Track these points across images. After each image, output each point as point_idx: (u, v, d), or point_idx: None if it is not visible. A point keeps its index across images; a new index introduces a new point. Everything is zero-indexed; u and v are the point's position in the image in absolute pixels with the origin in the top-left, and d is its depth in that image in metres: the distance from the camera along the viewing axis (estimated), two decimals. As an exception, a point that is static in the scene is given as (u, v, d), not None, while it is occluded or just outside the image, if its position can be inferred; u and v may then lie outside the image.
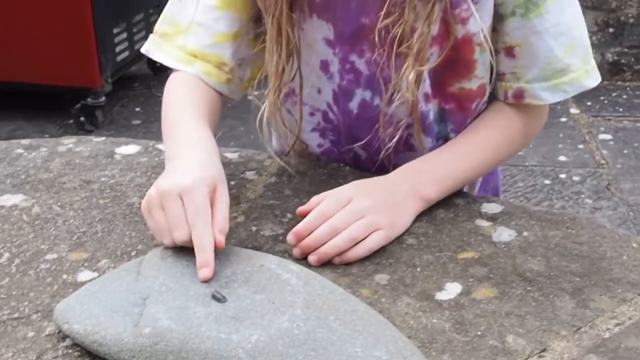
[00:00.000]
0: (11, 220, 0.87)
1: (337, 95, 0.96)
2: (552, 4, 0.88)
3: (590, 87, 0.93)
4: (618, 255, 0.81)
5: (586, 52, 0.93)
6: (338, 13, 0.89)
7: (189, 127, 0.83)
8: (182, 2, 0.94)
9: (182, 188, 0.71)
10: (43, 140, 1.09)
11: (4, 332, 0.68)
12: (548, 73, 0.91)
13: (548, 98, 0.93)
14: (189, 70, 0.93)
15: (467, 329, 0.69)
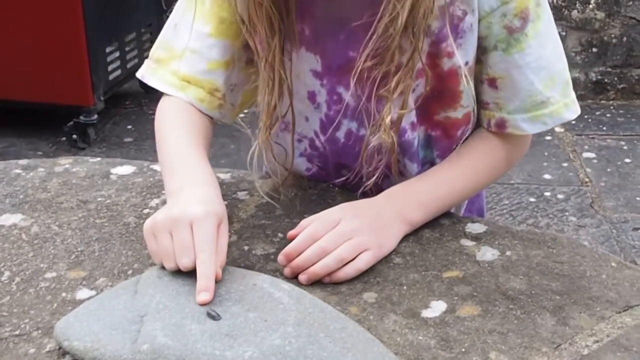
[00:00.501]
0: (11, 239, 0.89)
1: (325, 124, 0.98)
2: (534, 39, 0.90)
3: (569, 119, 0.96)
4: (597, 274, 0.84)
5: (566, 86, 0.95)
6: (327, 46, 0.91)
7: (190, 162, 0.86)
8: (177, 28, 0.97)
9: (193, 217, 0.74)
10: (40, 161, 1.11)
11: (6, 348, 0.70)
12: (528, 105, 0.93)
13: (528, 129, 0.95)
14: (181, 96, 0.95)
15: (451, 345, 0.72)
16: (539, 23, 0.90)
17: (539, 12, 0.90)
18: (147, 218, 0.91)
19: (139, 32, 3.48)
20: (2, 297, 0.78)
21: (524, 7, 0.88)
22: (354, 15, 0.87)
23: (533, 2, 0.89)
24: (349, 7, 0.89)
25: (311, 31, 0.91)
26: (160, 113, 0.96)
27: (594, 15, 3.68)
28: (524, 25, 0.89)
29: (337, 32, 0.90)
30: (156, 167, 1.09)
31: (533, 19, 0.89)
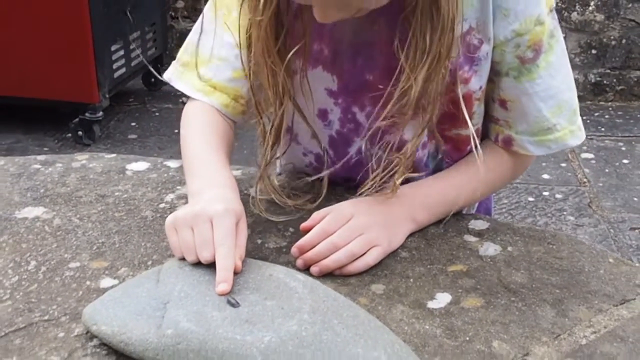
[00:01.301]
0: (35, 231, 0.93)
1: (336, 141, 1.01)
2: (545, 70, 0.92)
3: (573, 146, 1.00)
4: (595, 270, 0.88)
5: (573, 114, 0.98)
6: (344, 67, 0.94)
7: (211, 166, 0.90)
8: (204, 33, 1.00)
9: (214, 213, 0.78)
10: (58, 157, 1.15)
11: (37, 332, 0.74)
12: (535, 130, 0.96)
13: (533, 151, 0.99)
14: (206, 100, 0.98)
15: (456, 334, 0.76)
16: (551, 54, 0.92)
17: (552, 44, 0.92)
18: (163, 212, 0.96)
19: (143, 31, 3.51)
20: (30, 285, 0.82)
21: (537, 40, 0.90)
22: (373, 39, 0.90)
23: (547, 34, 0.91)
24: (368, 31, 0.91)
25: (330, 52, 0.93)
26: (186, 116, 1.00)
27: (594, 17, 3.72)
28: (536, 57, 0.91)
29: (355, 55, 0.93)
30: (170, 164, 1.13)
31: (545, 51, 0.91)
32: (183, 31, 4.08)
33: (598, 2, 3.69)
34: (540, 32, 0.90)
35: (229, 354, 0.65)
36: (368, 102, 0.95)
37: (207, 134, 0.96)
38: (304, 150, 1.04)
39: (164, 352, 0.67)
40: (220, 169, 0.90)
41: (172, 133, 3.32)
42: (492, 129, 1.01)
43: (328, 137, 1.01)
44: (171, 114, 3.54)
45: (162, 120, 3.47)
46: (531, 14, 0.88)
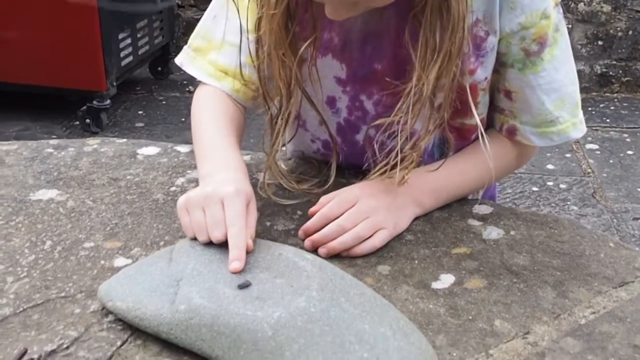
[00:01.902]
0: (49, 212, 0.95)
1: (343, 128, 1.03)
2: (549, 63, 0.93)
3: (575, 138, 1.03)
4: (596, 253, 0.90)
5: (575, 107, 0.99)
6: (353, 55, 0.95)
7: (221, 150, 0.92)
8: (216, 20, 1.01)
9: (224, 195, 0.81)
10: (70, 141, 1.18)
11: (54, 308, 0.76)
12: (538, 121, 0.98)
13: (536, 142, 1.00)
14: (218, 85, 1.00)
15: (459, 313, 0.78)
16: (556, 48, 0.93)
17: (557, 37, 0.93)
18: (174, 195, 0.99)
19: (150, 20, 3.54)
20: (47, 264, 0.84)
21: (542, 33, 0.91)
22: (382, 29, 0.92)
23: (552, 28, 0.92)
24: (377, 21, 0.92)
25: (340, 40, 0.95)
26: (197, 101, 1.02)
27: (600, 8, 3.72)
28: (541, 50, 0.92)
29: (364, 44, 0.95)
30: (180, 149, 1.15)
31: (550, 44, 0.92)
32: (190, 20, 4.10)
33: (605, -7, 3.70)
34: (545, 26, 0.91)
35: (240, 329, 0.68)
36: (376, 91, 0.97)
37: (218, 118, 0.97)
38: (312, 137, 1.06)
39: (177, 327, 0.70)
40: (231, 152, 0.92)
41: (178, 121, 3.34)
42: (497, 119, 1.03)
43: (336, 124, 1.03)
44: (178, 102, 3.57)
45: (169, 109, 3.50)
46: (537, 7, 0.90)
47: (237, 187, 0.82)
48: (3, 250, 0.86)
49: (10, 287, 0.80)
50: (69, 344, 0.71)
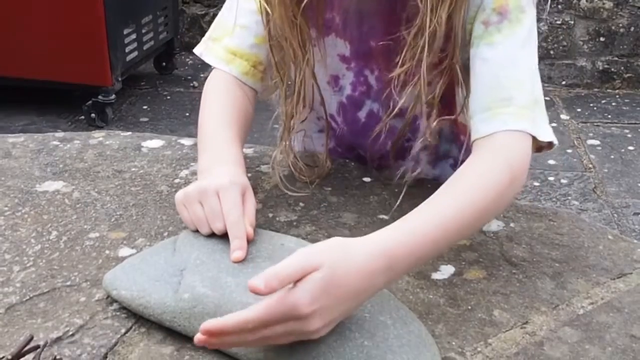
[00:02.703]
0: (55, 203, 0.97)
1: (345, 106, 1.04)
2: (507, 37, 0.86)
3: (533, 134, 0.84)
4: (594, 245, 0.91)
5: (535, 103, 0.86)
6: (354, 33, 0.98)
7: (221, 144, 0.92)
8: (232, 9, 1.02)
9: (219, 186, 0.82)
10: (75, 134, 1.19)
11: (60, 297, 0.78)
12: (489, 100, 0.85)
13: (482, 130, 0.85)
14: (226, 69, 1.01)
15: (459, 303, 0.79)
16: (518, 27, 0.86)
17: (521, 18, 0.87)
18: (177, 187, 1.00)
19: (155, 15, 3.55)
20: (52, 253, 0.86)
21: (503, 3, 0.86)
22: (375, 8, 0.94)
23: (514, 3, 0.86)
24: (369, 1, 0.95)
25: (340, 19, 0.97)
26: (206, 88, 1.02)
27: (602, 4, 3.72)
28: (500, 21, 0.86)
29: (360, 22, 0.97)
30: (184, 142, 1.16)
31: (511, 20, 0.86)
32: (194, 15, 4.11)
33: (607, -11, 3.70)
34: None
35: (242, 317, 0.69)
36: (376, 66, 0.99)
37: (223, 110, 0.98)
38: (317, 114, 1.07)
39: (180, 315, 0.71)
40: (230, 147, 0.92)
41: (182, 116, 3.36)
42: None
43: (337, 103, 1.04)
44: (182, 97, 3.58)
45: (174, 104, 3.51)
46: None
47: (231, 179, 0.83)
48: (10, 240, 0.88)
49: (17, 276, 0.81)
50: (74, 332, 0.73)
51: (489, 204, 0.79)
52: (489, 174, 0.81)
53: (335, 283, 0.66)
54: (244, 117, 0.99)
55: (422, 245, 0.73)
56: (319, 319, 0.65)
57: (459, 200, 0.78)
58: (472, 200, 0.78)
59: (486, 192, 0.79)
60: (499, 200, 0.81)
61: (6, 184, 1.02)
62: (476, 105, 0.87)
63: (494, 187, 0.79)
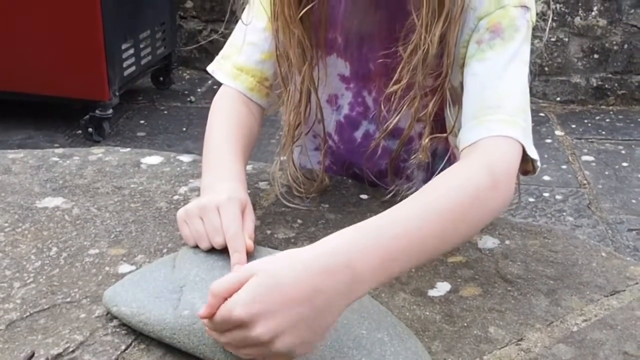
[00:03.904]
0: (55, 219, 0.98)
1: (342, 125, 1.06)
2: (498, 55, 0.87)
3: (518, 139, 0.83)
4: (588, 263, 0.92)
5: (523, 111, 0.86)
6: (354, 54, 1.00)
7: (225, 162, 0.93)
8: (243, 27, 1.04)
9: (219, 202, 0.83)
10: (75, 150, 1.20)
11: (60, 313, 0.79)
12: (477, 109, 0.85)
13: (467, 137, 0.84)
14: (232, 85, 1.03)
15: (455, 320, 0.80)
16: (511, 44, 0.87)
17: (514, 36, 0.88)
18: (177, 203, 1.01)
19: (152, 30, 3.57)
20: (52, 270, 0.86)
21: (496, 22, 0.88)
22: (374, 31, 0.96)
23: (507, 21, 0.88)
24: (370, 21, 0.97)
25: (342, 39, 0.99)
26: (214, 105, 1.04)
27: (596, 22, 3.75)
28: (493, 38, 0.88)
29: (361, 44, 0.99)
30: (182, 158, 1.17)
31: (504, 38, 0.87)
32: (192, 30, 4.13)
33: (601, 7, 3.73)
34: (500, 16, 0.88)
35: (241, 333, 0.70)
36: (373, 88, 1.01)
37: (228, 129, 0.99)
38: (313, 132, 1.09)
39: (180, 332, 0.72)
40: (232, 165, 0.94)
41: (180, 131, 3.37)
42: None
43: (335, 122, 1.06)
44: (179, 112, 3.60)
45: (171, 119, 3.52)
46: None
47: (230, 195, 0.85)
48: (10, 257, 0.89)
49: (17, 292, 0.82)
50: (74, 348, 0.73)
51: (467, 207, 0.76)
52: (465, 175, 0.79)
53: (276, 286, 0.63)
54: (248, 134, 1.01)
55: (389, 244, 0.69)
56: (262, 324, 0.62)
57: (430, 201, 0.75)
58: (447, 201, 0.75)
59: (462, 192, 0.76)
60: (479, 203, 0.77)
61: (6, 200, 1.02)
62: (464, 117, 0.87)
63: (471, 189, 0.76)
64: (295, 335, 0.63)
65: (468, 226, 0.77)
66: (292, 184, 1.04)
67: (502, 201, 0.80)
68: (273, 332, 0.62)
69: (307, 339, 0.64)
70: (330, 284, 0.64)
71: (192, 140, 3.23)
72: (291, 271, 0.64)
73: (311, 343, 0.65)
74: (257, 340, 0.63)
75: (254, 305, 0.62)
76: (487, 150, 0.82)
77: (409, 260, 0.71)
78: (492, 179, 0.78)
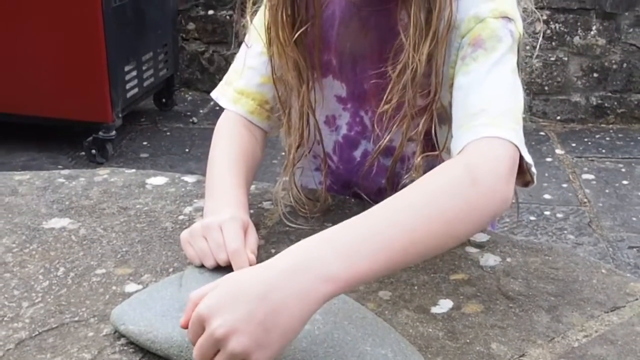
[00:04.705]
0: (62, 240, 0.99)
1: (341, 145, 1.08)
2: (481, 64, 0.88)
3: (508, 139, 0.81)
4: (589, 279, 0.93)
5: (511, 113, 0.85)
6: (349, 75, 1.02)
7: (227, 188, 0.96)
8: (241, 52, 1.08)
9: (221, 221, 0.87)
10: (80, 171, 1.22)
11: (68, 332, 0.80)
12: (462, 119, 0.86)
13: (454, 145, 0.85)
14: (233, 109, 1.05)
15: (457, 337, 0.81)
16: (493, 54, 0.88)
17: (497, 46, 0.88)
18: (182, 223, 1.02)
19: (155, 52, 3.60)
20: (60, 289, 0.88)
21: (476, 35, 0.89)
22: (366, 52, 0.98)
23: (488, 33, 0.89)
24: (362, 43, 0.99)
25: (337, 61, 1.02)
26: (216, 130, 1.06)
27: (595, 41, 3.78)
28: (475, 50, 0.89)
29: (354, 64, 1.01)
30: (187, 179, 1.19)
31: (487, 48, 0.88)
32: (194, 52, 4.17)
33: (600, 26, 3.76)
34: (480, 29, 0.89)
35: (247, 351, 0.71)
36: (369, 107, 1.02)
37: (229, 155, 1.01)
38: (313, 153, 1.10)
39: (187, 350, 0.73)
40: (235, 191, 0.96)
41: (182, 152, 3.39)
42: None
43: (333, 142, 1.08)
44: (182, 133, 3.62)
45: (173, 140, 3.55)
46: (469, 13, 0.90)
47: (232, 215, 0.88)
48: (18, 277, 0.90)
49: (26, 312, 0.83)
50: (83, 366, 0.75)
51: (442, 204, 0.74)
52: (440, 174, 0.78)
53: (236, 283, 0.66)
54: (251, 158, 1.03)
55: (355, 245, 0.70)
56: (218, 318, 0.64)
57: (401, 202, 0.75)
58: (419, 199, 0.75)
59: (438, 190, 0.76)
60: (459, 203, 0.75)
61: (13, 221, 1.04)
62: (453, 128, 0.87)
63: (446, 186, 0.76)
64: (249, 333, 0.63)
65: (445, 225, 0.75)
66: (295, 205, 1.06)
67: (488, 199, 0.78)
68: (228, 327, 0.63)
69: (262, 341, 0.64)
70: (287, 283, 0.65)
71: (194, 161, 3.25)
72: (253, 270, 0.68)
73: (267, 349, 0.64)
74: (214, 338, 0.64)
75: (212, 299, 0.65)
76: (467, 151, 0.81)
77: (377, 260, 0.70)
78: (470, 176, 0.76)
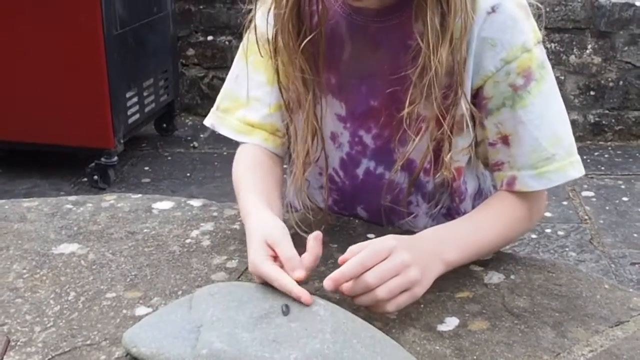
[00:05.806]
0: (71, 265, 1.00)
1: (345, 162, 1.09)
2: (536, 97, 0.96)
3: (574, 178, 1.00)
4: (592, 295, 0.94)
5: (570, 146, 0.99)
6: (350, 95, 1.03)
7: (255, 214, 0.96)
8: (238, 80, 1.09)
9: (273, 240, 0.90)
10: (87, 197, 1.23)
11: (80, 355, 0.81)
12: (534, 161, 0.98)
13: (534, 185, 0.99)
14: (247, 140, 1.08)
15: (464, 354, 0.82)
16: (543, 84, 0.96)
17: (543, 75, 0.96)
18: (189, 247, 1.04)
19: (156, 78, 3.63)
20: (71, 314, 0.89)
21: (526, 67, 0.95)
22: (375, 70, 1.00)
23: (536, 63, 0.96)
24: (370, 60, 1.01)
25: (336, 81, 1.03)
26: (237, 160, 1.09)
27: (591, 60, 3.81)
28: (527, 84, 0.95)
29: (359, 84, 1.02)
30: (193, 203, 1.20)
31: (537, 79, 0.96)
32: (193, 78, 4.20)
33: (595, 45, 3.79)
34: (527, 59, 0.95)
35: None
36: (373, 125, 1.04)
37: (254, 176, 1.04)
38: (319, 169, 1.11)
39: (199, 370, 0.74)
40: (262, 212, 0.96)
41: (184, 176, 3.40)
42: (497, 178, 1.04)
43: (339, 158, 1.09)
44: (183, 158, 3.64)
45: (175, 165, 3.56)
46: (516, 41, 0.95)
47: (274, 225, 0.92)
48: (30, 302, 0.91)
49: (39, 336, 0.84)
50: (96, 389, 0.76)
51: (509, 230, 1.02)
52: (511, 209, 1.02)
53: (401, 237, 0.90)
54: (274, 179, 1.05)
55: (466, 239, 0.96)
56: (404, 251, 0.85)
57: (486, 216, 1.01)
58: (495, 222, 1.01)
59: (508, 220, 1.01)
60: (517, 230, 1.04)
61: (23, 247, 1.05)
62: (522, 161, 0.99)
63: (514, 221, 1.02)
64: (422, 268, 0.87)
65: (504, 240, 1.03)
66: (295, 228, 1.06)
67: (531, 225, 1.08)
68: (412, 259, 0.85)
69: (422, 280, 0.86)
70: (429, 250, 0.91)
71: (196, 185, 3.27)
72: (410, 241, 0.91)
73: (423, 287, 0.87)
74: (400, 260, 0.84)
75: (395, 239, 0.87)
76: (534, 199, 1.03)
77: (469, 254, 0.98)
78: (530, 217, 1.05)
